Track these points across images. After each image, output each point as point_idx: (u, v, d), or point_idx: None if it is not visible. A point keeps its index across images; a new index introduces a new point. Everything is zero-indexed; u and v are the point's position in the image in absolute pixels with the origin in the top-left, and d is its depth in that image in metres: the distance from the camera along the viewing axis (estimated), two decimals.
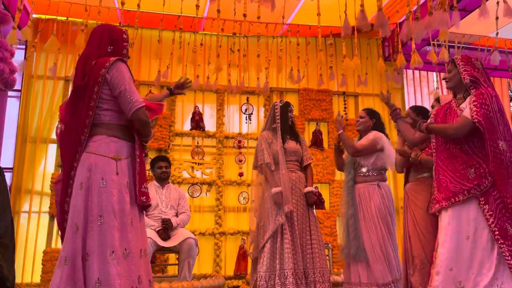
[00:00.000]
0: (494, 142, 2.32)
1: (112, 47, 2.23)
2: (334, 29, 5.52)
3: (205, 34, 6.01)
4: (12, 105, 5.71)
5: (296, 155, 3.62)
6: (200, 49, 5.32)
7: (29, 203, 5.27)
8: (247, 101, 6.07)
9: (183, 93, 2.75)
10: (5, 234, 3.23)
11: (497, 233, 2.22)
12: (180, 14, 4.62)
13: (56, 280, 1.93)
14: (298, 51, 5.10)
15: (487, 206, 2.27)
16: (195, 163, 5.72)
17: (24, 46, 5.46)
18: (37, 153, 5.40)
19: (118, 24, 5.02)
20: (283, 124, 3.64)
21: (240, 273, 5.26)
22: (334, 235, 5.69)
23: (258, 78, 5.26)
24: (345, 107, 6.27)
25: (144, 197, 2.14)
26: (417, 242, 3.05)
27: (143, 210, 2.24)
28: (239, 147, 5.83)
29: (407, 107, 6.58)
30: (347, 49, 5.49)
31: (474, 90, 2.46)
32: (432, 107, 3.26)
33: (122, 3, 4.16)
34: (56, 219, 2.59)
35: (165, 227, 4.21)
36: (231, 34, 4.98)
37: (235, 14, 4.58)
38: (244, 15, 4.28)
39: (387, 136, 3.68)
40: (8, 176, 4.96)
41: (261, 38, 5.56)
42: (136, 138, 2.21)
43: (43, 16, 5.46)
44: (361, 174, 3.61)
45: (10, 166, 5.32)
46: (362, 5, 3.52)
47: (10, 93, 5.78)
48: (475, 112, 2.36)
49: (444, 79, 2.65)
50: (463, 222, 2.32)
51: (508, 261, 2.18)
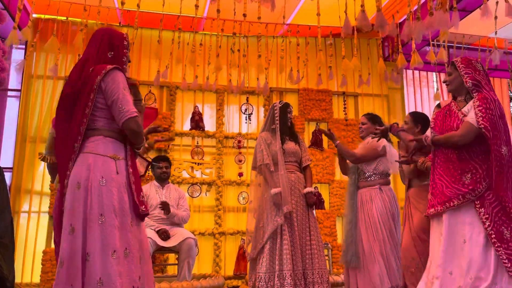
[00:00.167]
0: (498, 147, 2.30)
1: (112, 53, 2.19)
2: (334, 29, 5.52)
3: (205, 34, 6.01)
4: (12, 105, 5.71)
5: (295, 156, 3.62)
6: (200, 49, 5.32)
7: (28, 203, 5.26)
8: (247, 101, 6.07)
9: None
10: (5, 234, 3.22)
11: (493, 236, 2.21)
12: (179, 14, 4.62)
13: (56, 282, 1.93)
14: (298, 51, 5.09)
15: (483, 209, 2.27)
16: (195, 163, 5.72)
17: (24, 46, 5.46)
18: (37, 153, 5.37)
19: (118, 24, 5.03)
20: (282, 125, 3.63)
21: (239, 273, 5.26)
22: (334, 235, 5.69)
23: (258, 79, 5.27)
24: (344, 107, 6.28)
25: (143, 207, 2.11)
26: (411, 245, 3.03)
27: (141, 218, 2.18)
28: (239, 147, 5.83)
29: (406, 107, 6.58)
30: (346, 50, 5.50)
31: (476, 93, 2.44)
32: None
33: (122, 3, 4.16)
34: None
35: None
36: (231, 34, 4.98)
37: (235, 14, 4.57)
38: (244, 15, 4.27)
39: (389, 140, 3.61)
40: (7, 176, 4.97)
41: (261, 38, 5.57)
42: (128, 148, 2.18)
43: (42, 16, 5.45)
44: (364, 179, 3.59)
45: (10, 166, 5.32)
46: (362, 5, 3.52)
47: (10, 93, 5.78)
48: (481, 118, 2.33)
49: (444, 82, 2.62)
50: (460, 226, 2.31)
51: (506, 264, 2.17)
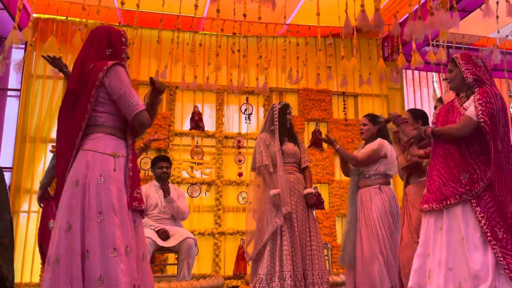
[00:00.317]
0: (496, 142, 2.30)
1: (110, 50, 2.21)
2: (333, 29, 5.52)
3: (205, 34, 6.01)
4: (12, 105, 5.71)
5: (294, 157, 3.61)
6: (200, 49, 5.32)
7: (28, 202, 5.26)
8: (247, 101, 6.07)
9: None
10: (4, 233, 3.22)
11: (489, 234, 2.22)
12: (179, 14, 4.62)
13: (46, 282, 1.90)
14: (297, 52, 5.09)
15: (478, 208, 2.27)
16: (195, 163, 5.72)
17: (23, 46, 5.45)
18: (37, 153, 5.39)
19: (118, 24, 5.02)
20: (281, 126, 3.63)
21: (239, 273, 5.26)
22: (334, 235, 5.69)
23: (257, 79, 5.26)
24: (344, 107, 6.28)
25: (136, 202, 2.10)
26: (411, 244, 3.01)
27: (140, 215, 2.19)
28: (239, 147, 5.83)
29: (406, 107, 6.58)
30: (346, 50, 5.50)
31: (477, 88, 2.43)
32: (435, 108, 3.23)
33: (122, 3, 4.16)
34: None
35: (164, 230, 4.20)
36: (231, 34, 4.98)
37: (234, 14, 4.57)
38: (244, 15, 4.27)
39: (389, 140, 3.62)
40: (7, 176, 4.96)
41: (262, 38, 5.57)
42: (130, 143, 2.19)
43: (42, 16, 5.45)
44: (364, 179, 3.59)
45: (10, 165, 5.32)
46: (362, 5, 3.53)
47: (9, 92, 5.78)
48: (481, 111, 2.33)
49: (445, 79, 2.62)
50: (457, 223, 2.32)
51: (502, 262, 2.18)
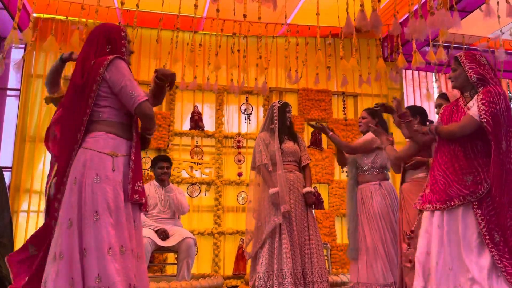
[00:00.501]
0: (499, 143, 2.29)
1: (110, 46, 2.22)
2: (333, 29, 5.52)
3: (205, 34, 6.01)
4: (11, 104, 5.71)
5: (293, 156, 3.62)
6: (200, 49, 5.31)
7: (27, 202, 5.26)
8: (246, 101, 6.07)
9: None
10: (4, 233, 3.23)
11: (487, 237, 2.23)
12: (178, 14, 4.62)
13: (52, 276, 1.91)
14: (297, 51, 5.09)
15: (479, 210, 2.28)
16: (194, 163, 5.72)
17: (23, 45, 5.45)
18: (36, 152, 5.39)
19: (118, 24, 5.01)
20: (281, 124, 3.64)
21: (239, 273, 5.26)
22: (333, 235, 5.69)
23: (256, 79, 5.26)
24: (344, 107, 6.28)
25: (137, 195, 2.10)
26: (407, 231, 3.01)
27: (139, 210, 2.18)
28: (238, 147, 5.83)
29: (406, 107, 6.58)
30: (346, 50, 5.50)
31: (481, 87, 2.42)
32: (439, 106, 3.20)
33: (122, 3, 4.16)
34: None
35: (163, 230, 4.20)
36: (231, 34, 4.98)
37: (234, 14, 4.57)
38: (244, 16, 4.27)
39: (389, 132, 3.65)
40: (7, 175, 4.95)
41: (261, 38, 5.57)
42: (134, 136, 2.19)
43: (42, 15, 5.45)
44: (362, 173, 3.60)
45: (9, 165, 5.32)
46: (362, 5, 3.53)
47: (9, 92, 5.78)
48: (483, 111, 2.31)
49: (449, 78, 2.59)
50: (457, 224, 2.32)
51: (499, 265, 2.19)
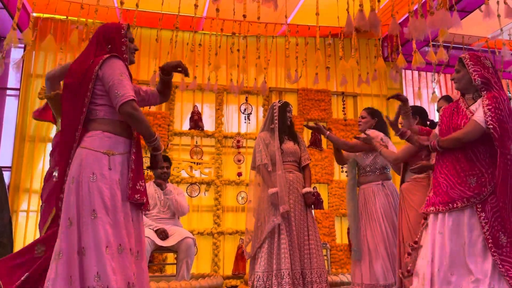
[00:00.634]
0: (506, 148, 2.27)
1: (110, 46, 2.22)
2: (333, 29, 5.52)
3: (205, 33, 6.01)
4: (11, 104, 5.72)
5: (293, 156, 3.61)
6: (199, 49, 5.32)
7: (27, 202, 5.27)
8: (246, 101, 6.07)
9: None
10: (3, 233, 3.23)
11: (490, 241, 2.21)
12: (178, 14, 4.62)
13: (51, 275, 1.92)
14: (297, 51, 5.09)
15: (483, 213, 2.25)
16: (194, 163, 5.72)
17: (22, 45, 5.45)
18: (36, 152, 5.39)
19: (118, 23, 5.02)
20: (281, 124, 3.63)
21: (238, 273, 5.26)
22: (333, 235, 5.69)
23: (255, 79, 5.26)
24: (343, 107, 6.28)
25: (138, 195, 2.09)
26: (409, 242, 3.00)
27: (140, 210, 2.17)
28: (238, 147, 5.84)
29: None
30: (345, 50, 5.49)
31: (485, 92, 2.38)
32: (438, 109, 3.19)
33: (121, 2, 4.16)
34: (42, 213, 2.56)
35: (163, 230, 4.19)
36: (230, 34, 4.97)
37: (234, 14, 4.57)
38: (244, 16, 4.27)
39: (388, 135, 3.62)
40: (6, 175, 4.96)
41: (261, 38, 5.56)
42: (134, 135, 2.19)
43: (42, 15, 5.45)
44: (364, 174, 3.58)
45: (9, 165, 5.32)
46: (361, 5, 3.54)
47: (8, 91, 5.79)
48: (490, 117, 2.28)
49: (452, 79, 2.55)
50: (461, 228, 2.30)
51: (501, 269, 2.17)
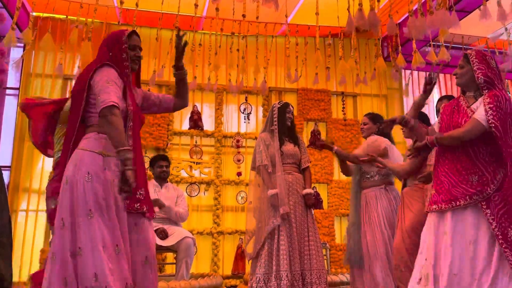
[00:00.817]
0: (509, 147, 2.25)
1: (111, 53, 2.22)
2: (332, 29, 5.52)
3: (204, 33, 6.00)
4: (10, 103, 5.71)
5: (293, 158, 3.61)
6: (199, 49, 5.32)
7: (26, 201, 5.27)
8: (246, 100, 6.07)
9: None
10: (3, 232, 3.21)
11: (500, 237, 2.18)
12: (178, 13, 4.61)
13: (46, 276, 1.93)
14: (296, 51, 5.09)
15: (489, 210, 2.23)
16: (194, 162, 5.72)
17: (22, 44, 5.45)
18: (35, 152, 5.37)
19: (117, 23, 5.03)
20: (281, 126, 3.63)
21: (238, 273, 5.26)
22: (332, 235, 5.69)
23: (255, 79, 5.25)
24: (343, 107, 6.28)
25: (138, 204, 2.08)
26: (401, 245, 3.02)
27: (143, 216, 2.13)
28: (238, 147, 5.83)
29: (405, 107, 6.58)
30: (345, 50, 5.49)
31: (487, 90, 2.35)
32: (439, 110, 3.18)
33: (121, 2, 4.16)
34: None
35: (162, 229, 4.19)
36: (230, 34, 4.97)
37: (233, 14, 4.57)
38: (243, 16, 4.27)
39: (391, 139, 3.61)
40: (5, 175, 4.96)
41: (260, 37, 5.56)
42: (130, 143, 2.15)
43: (41, 14, 5.45)
44: (368, 179, 3.57)
45: (8, 164, 5.32)
46: (360, 4, 3.54)
47: (8, 91, 5.78)
48: (492, 116, 2.25)
49: (454, 74, 2.51)
50: (464, 226, 2.27)
51: (511, 262, 2.14)
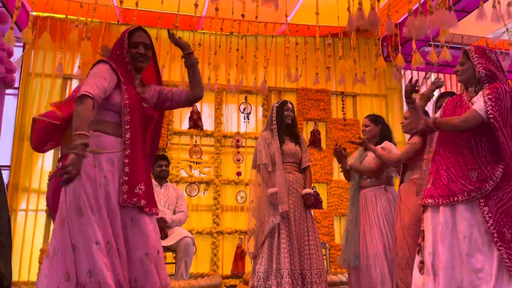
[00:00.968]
0: (506, 139, 2.24)
1: (113, 51, 2.26)
2: (332, 29, 5.52)
3: (204, 33, 6.00)
4: (10, 103, 5.70)
5: (294, 157, 3.61)
6: (199, 49, 5.31)
7: (26, 201, 5.26)
8: (246, 100, 6.06)
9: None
10: (2, 232, 3.21)
11: (496, 235, 2.17)
12: (177, 13, 4.61)
13: (44, 271, 1.93)
14: (296, 51, 5.09)
15: (486, 208, 2.22)
16: (193, 162, 5.72)
17: (22, 44, 5.45)
18: (34, 151, 5.37)
19: (117, 23, 5.03)
20: (280, 124, 3.64)
21: (237, 272, 5.26)
22: (332, 235, 5.69)
23: (255, 78, 5.25)
24: (343, 107, 6.28)
25: (135, 198, 2.06)
26: (403, 242, 3.02)
27: (141, 211, 2.11)
28: (237, 146, 5.83)
29: (405, 107, 6.59)
30: (345, 50, 5.49)
31: (487, 84, 2.35)
32: (439, 107, 3.19)
33: (121, 1, 4.16)
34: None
35: (160, 226, 4.19)
36: (228, 33, 4.97)
37: (232, 13, 4.57)
38: (243, 16, 4.27)
39: (392, 140, 3.62)
40: (5, 174, 4.96)
41: (260, 37, 5.56)
42: (128, 136, 2.14)
43: (41, 14, 5.44)
44: (367, 178, 3.57)
45: (8, 164, 5.31)
46: (360, 3, 3.54)
47: (7, 91, 5.77)
48: (491, 107, 2.24)
49: (455, 71, 2.51)
50: (461, 222, 2.26)
51: (507, 264, 2.14)
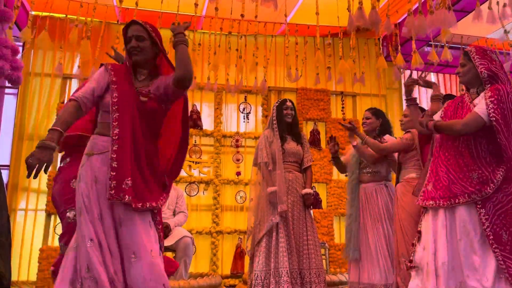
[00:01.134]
0: (507, 142, 2.24)
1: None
2: (332, 29, 5.51)
3: (204, 32, 5.99)
4: (9, 103, 5.70)
5: (295, 157, 3.61)
6: (199, 48, 5.31)
7: (25, 201, 5.25)
8: (245, 100, 6.06)
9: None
10: (2, 232, 3.21)
11: (491, 238, 2.18)
12: (177, 13, 4.61)
13: (65, 264, 2.03)
14: (296, 51, 5.09)
15: (483, 210, 2.22)
16: (193, 162, 5.72)
17: (21, 43, 5.44)
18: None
19: (116, 22, 5.03)
20: (280, 123, 3.64)
21: (237, 272, 5.26)
22: (331, 235, 5.69)
23: (255, 78, 5.24)
24: (343, 107, 6.28)
25: (122, 193, 2.00)
26: (402, 243, 3.02)
27: (131, 209, 2.05)
28: (237, 146, 5.83)
29: (404, 107, 6.58)
30: (345, 49, 5.49)
31: (489, 85, 2.34)
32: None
33: (120, 1, 4.16)
34: None
35: (165, 235, 4.18)
36: (227, 33, 4.97)
37: (231, 13, 4.57)
38: (242, 15, 4.27)
39: (392, 135, 3.65)
40: (4, 174, 4.95)
41: (260, 37, 5.56)
42: (115, 132, 2.11)
43: (40, 13, 5.44)
44: (367, 174, 3.57)
45: (7, 163, 5.31)
46: (360, 3, 3.54)
47: (7, 90, 5.77)
48: (492, 109, 2.23)
49: (457, 73, 2.50)
50: (461, 224, 2.27)
51: (502, 266, 2.15)
